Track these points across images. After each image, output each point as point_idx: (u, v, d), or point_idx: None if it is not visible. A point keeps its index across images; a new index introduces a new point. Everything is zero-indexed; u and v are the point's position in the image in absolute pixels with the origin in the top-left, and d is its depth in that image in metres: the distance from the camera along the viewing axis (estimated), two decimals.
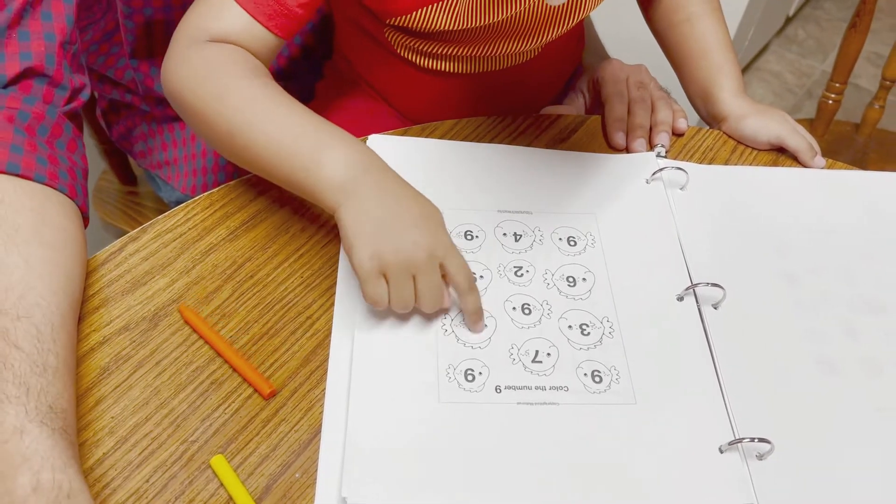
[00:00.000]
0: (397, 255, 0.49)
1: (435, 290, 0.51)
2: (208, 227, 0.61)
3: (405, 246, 0.49)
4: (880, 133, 1.22)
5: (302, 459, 0.49)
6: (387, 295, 0.50)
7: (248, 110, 0.54)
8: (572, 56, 0.81)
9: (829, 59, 1.99)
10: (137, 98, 0.84)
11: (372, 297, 0.50)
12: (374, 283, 0.50)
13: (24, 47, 0.54)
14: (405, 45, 0.69)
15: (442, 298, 0.52)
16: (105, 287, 0.56)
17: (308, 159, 0.52)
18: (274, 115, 0.54)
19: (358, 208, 0.50)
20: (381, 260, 0.49)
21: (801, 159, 0.71)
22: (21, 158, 0.52)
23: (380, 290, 0.50)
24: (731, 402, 0.52)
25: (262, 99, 0.54)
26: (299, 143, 0.52)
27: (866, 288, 0.61)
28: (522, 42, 0.68)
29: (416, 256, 0.50)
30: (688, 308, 0.58)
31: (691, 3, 0.76)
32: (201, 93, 0.55)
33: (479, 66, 0.70)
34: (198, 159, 0.85)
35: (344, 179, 0.51)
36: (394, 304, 0.51)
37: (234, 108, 0.54)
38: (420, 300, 0.51)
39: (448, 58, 0.69)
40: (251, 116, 0.54)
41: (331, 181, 0.51)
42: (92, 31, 0.81)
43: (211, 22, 0.58)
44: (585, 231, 0.62)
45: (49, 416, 0.43)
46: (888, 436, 0.52)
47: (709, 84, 0.74)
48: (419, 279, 0.50)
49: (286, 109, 0.54)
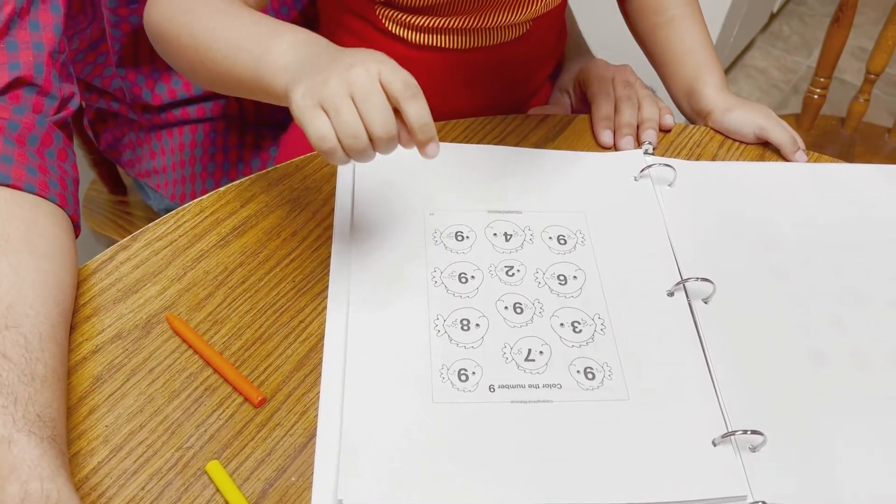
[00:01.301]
0: (328, 78, 0.45)
1: (379, 106, 0.45)
2: (199, 233, 0.61)
3: (339, 67, 0.45)
4: (866, 126, 1.23)
5: (297, 463, 0.49)
6: (330, 128, 0.45)
7: (210, 25, 0.53)
8: (555, 43, 0.82)
9: (814, 55, 2.01)
10: (125, 107, 0.84)
11: (314, 133, 0.45)
12: (311, 118, 0.45)
13: (13, 57, 0.54)
14: (396, 20, 0.70)
15: (390, 115, 0.45)
16: (97, 296, 0.56)
17: (258, 50, 0.50)
18: (230, 23, 0.53)
19: (301, 73, 0.47)
20: (314, 91, 0.45)
21: (784, 153, 0.72)
22: (11, 168, 0.52)
23: (318, 122, 0.44)
24: (724, 396, 0.53)
25: (223, 13, 0.54)
26: (250, 39, 0.51)
27: (854, 280, 0.61)
28: (511, 13, 0.69)
29: (350, 73, 0.45)
30: (678, 303, 0.58)
31: (673, 6, 0.77)
32: (176, 22, 0.55)
33: (470, 40, 0.71)
34: (186, 167, 0.85)
35: (290, 59, 0.48)
36: (340, 134, 0.45)
37: (200, 27, 0.53)
38: (368, 126, 0.45)
39: (439, 31, 0.70)
40: (212, 31, 0.53)
41: (276, 63, 0.49)
42: (78, 40, 0.81)
43: None
44: (575, 229, 0.63)
45: (37, 424, 0.43)
46: (879, 425, 0.52)
47: (693, 81, 0.75)
48: (359, 100, 0.44)
49: (241, 17, 0.53)
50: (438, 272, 0.58)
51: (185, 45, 0.55)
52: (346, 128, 0.44)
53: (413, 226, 0.61)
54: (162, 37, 0.58)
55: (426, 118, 0.46)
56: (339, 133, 0.45)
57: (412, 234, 0.61)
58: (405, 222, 0.61)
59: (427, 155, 0.47)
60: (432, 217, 0.62)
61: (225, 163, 0.86)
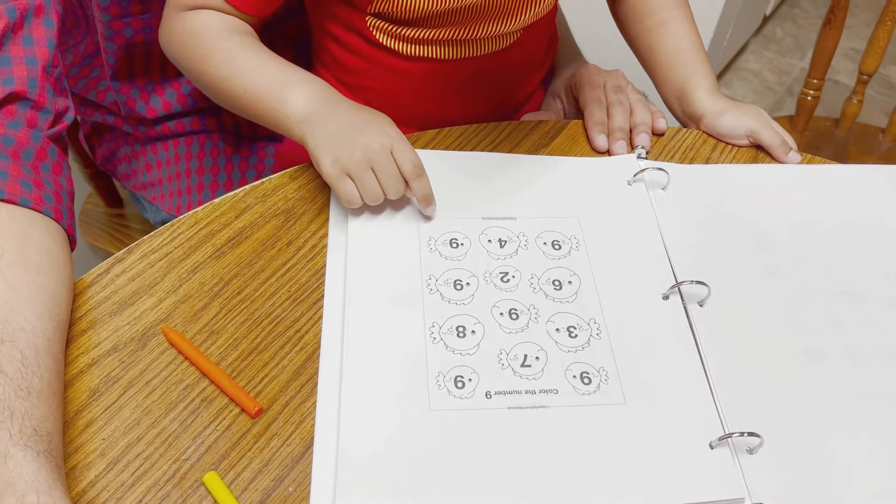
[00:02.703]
0: (353, 153, 0.58)
1: (393, 178, 0.59)
2: (194, 245, 0.61)
3: (360, 144, 0.58)
4: (860, 127, 1.23)
5: (295, 473, 0.49)
6: (356, 192, 0.58)
7: (226, 67, 0.64)
8: (546, 49, 0.82)
9: (808, 57, 2.02)
10: (120, 120, 0.85)
11: (345, 196, 0.59)
12: (342, 184, 0.58)
13: (7, 73, 0.54)
14: (387, 31, 0.70)
15: (401, 184, 0.59)
16: (92, 309, 0.56)
17: (276, 100, 0.62)
18: (247, 68, 0.63)
19: (319, 130, 0.60)
20: (341, 162, 0.58)
21: (776, 155, 0.72)
22: (6, 183, 0.52)
23: (348, 188, 0.58)
24: (720, 398, 0.53)
25: (237, 56, 0.64)
26: (268, 88, 0.62)
27: (847, 279, 0.62)
28: (501, 24, 0.70)
29: (369, 150, 0.58)
30: (673, 306, 0.58)
31: (663, 9, 0.77)
32: (187, 56, 0.66)
33: (461, 51, 0.72)
34: (182, 179, 0.85)
35: (305, 112, 0.61)
36: (365, 197, 0.59)
37: (214, 66, 0.64)
38: (385, 191, 0.59)
39: (429, 42, 0.70)
40: (229, 72, 0.64)
41: (295, 115, 0.61)
42: (72, 54, 0.81)
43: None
44: (569, 234, 0.63)
45: (33, 438, 0.43)
46: (876, 424, 0.53)
47: (684, 84, 0.75)
48: (378, 170, 0.58)
49: (256, 62, 0.64)
50: (433, 279, 0.58)
51: (204, 85, 0.67)
52: (369, 192, 0.59)
53: (408, 233, 0.61)
54: (180, 67, 0.68)
55: (427, 191, 0.60)
56: (363, 195, 0.59)
57: (407, 242, 0.61)
58: (400, 230, 0.61)
59: (427, 214, 0.62)
60: (427, 224, 0.62)
61: (220, 174, 0.86)
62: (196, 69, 0.66)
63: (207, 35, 0.64)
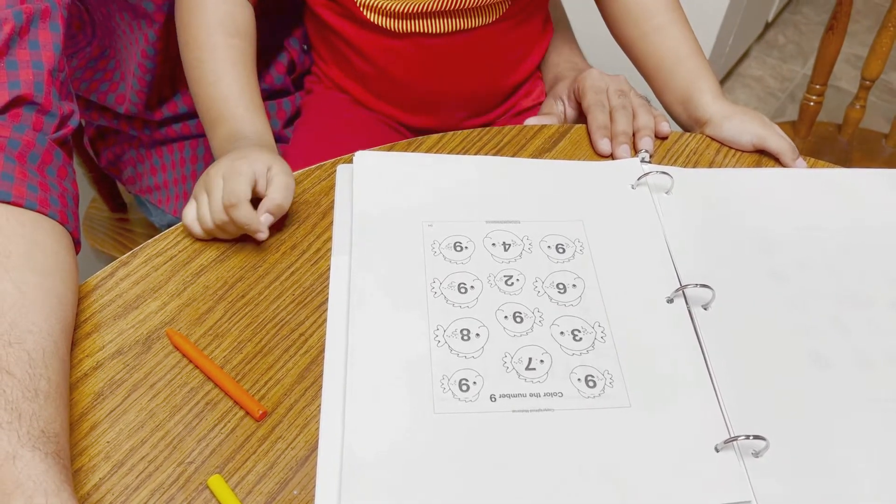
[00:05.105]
0: (201, 179, 0.62)
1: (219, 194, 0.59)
2: (198, 248, 0.61)
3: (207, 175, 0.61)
4: (862, 132, 1.23)
5: (300, 476, 0.49)
6: (194, 212, 0.61)
7: (201, 66, 0.68)
8: (539, 30, 0.83)
9: (810, 63, 2.02)
10: (125, 123, 0.85)
11: (184, 218, 0.61)
12: (189, 204, 0.61)
13: (13, 76, 0.55)
14: (376, 8, 0.72)
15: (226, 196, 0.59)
16: (97, 312, 0.56)
17: (209, 126, 0.68)
18: (211, 79, 0.68)
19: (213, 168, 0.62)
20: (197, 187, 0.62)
21: (783, 161, 0.72)
22: (12, 186, 0.52)
23: (187, 209, 0.61)
24: (725, 401, 0.53)
25: (216, 60, 0.68)
26: (212, 109, 0.68)
27: (853, 282, 0.62)
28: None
29: (207, 176, 0.61)
30: (678, 310, 0.58)
31: (659, 12, 0.77)
32: (184, 39, 0.70)
33: (451, 23, 0.73)
34: (188, 182, 0.85)
35: (217, 149, 0.67)
36: (200, 214, 0.60)
37: (196, 59, 0.68)
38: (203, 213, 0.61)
39: (418, 16, 0.72)
40: (200, 73, 0.68)
41: (214, 149, 0.67)
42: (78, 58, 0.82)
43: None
44: (574, 238, 0.63)
45: (41, 440, 0.43)
46: (883, 428, 0.52)
47: (689, 89, 0.75)
48: (209, 197, 0.60)
49: (220, 77, 0.68)
50: (438, 283, 0.58)
51: (186, 71, 0.71)
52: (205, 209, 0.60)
53: (411, 237, 0.61)
54: (180, 46, 0.72)
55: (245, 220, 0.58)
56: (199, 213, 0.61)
57: (411, 246, 0.61)
58: (403, 234, 0.62)
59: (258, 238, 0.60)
60: (431, 228, 0.62)
61: None
62: (187, 55, 0.70)
63: (199, 22, 0.68)
